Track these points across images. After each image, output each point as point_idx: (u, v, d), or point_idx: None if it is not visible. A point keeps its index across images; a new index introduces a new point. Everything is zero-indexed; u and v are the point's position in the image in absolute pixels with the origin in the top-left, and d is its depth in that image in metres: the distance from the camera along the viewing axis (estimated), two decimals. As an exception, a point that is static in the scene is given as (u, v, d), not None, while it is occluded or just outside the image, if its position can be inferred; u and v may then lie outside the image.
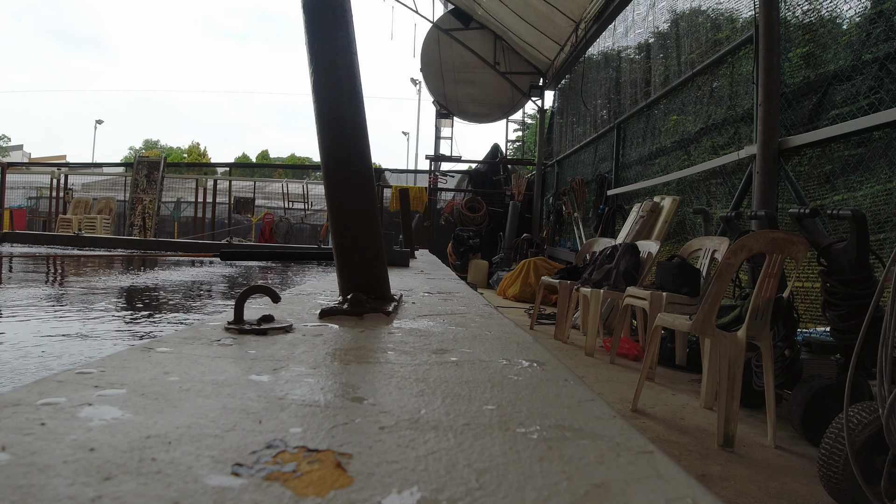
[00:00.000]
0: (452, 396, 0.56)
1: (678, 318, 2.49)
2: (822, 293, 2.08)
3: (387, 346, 0.81)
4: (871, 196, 2.65)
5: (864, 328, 1.56)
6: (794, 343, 2.42)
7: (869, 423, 1.55)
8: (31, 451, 0.37)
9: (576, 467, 0.38)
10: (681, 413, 2.53)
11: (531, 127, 20.42)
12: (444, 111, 11.92)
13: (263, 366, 0.65)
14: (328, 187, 1.17)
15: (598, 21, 7.16)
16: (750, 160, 3.45)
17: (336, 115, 1.14)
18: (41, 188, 16.25)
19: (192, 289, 4.58)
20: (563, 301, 4.34)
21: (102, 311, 3.10)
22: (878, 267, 2.17)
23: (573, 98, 8.85)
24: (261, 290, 0.95)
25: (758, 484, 1.79)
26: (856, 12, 2.90)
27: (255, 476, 0.35)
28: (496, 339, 0.91)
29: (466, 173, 13.10)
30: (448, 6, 11.02)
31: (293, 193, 14.73)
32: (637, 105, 5.83)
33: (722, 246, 3.04)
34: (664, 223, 4.48)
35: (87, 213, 13.17)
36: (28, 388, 0.51)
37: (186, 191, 15.14)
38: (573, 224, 7.60)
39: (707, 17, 4.60)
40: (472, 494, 0.34)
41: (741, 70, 3.83)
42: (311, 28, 1.15)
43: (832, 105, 2.94)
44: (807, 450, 2.12)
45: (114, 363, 0.62)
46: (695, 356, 3.35)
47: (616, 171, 6.29)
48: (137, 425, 0.43)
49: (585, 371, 3.29)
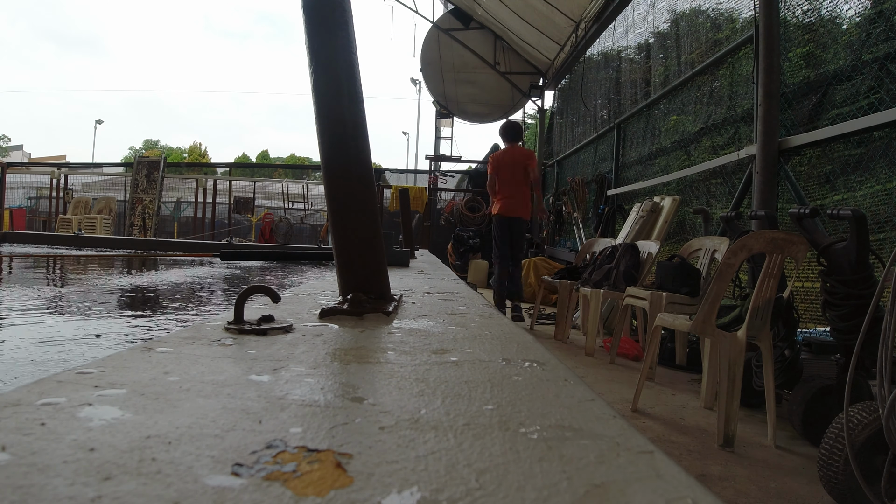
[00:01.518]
0: (452, 396, 0.56)
1: (678, 318, 2.49)
2: (822, 293, 2.08)
3: (387, 346, 0.81)
4: (871, 196, 2.65)
5: (864, 328, 1.56)
6: (794, 343, 2.42)
7: (869, 423, 1.55)
8: (31, 451, 0.37)
9: (576, 467, 0.38)
10: (681, 413, 2.53)
11: (531, 127, 20.40)
12: (444, 111, 11.92)
13: (263, 366, 0.65)
14: (328, 187, 1.17)
15: (598, 21, 7.16)
16: (750, 160, 3.45)
17: (336, 115, 1.14)
18: (41, 188, 16.25)
19: (192, 289, 4.58)
20: (563, 301, 4.34)
21: (102, 311, 3.10)
22: (878, 267, 2.16)
23: (573, 98, 8.85)
24: (261, 290, 0.95)
25: (758, 484, 1.79)
26: (856, 12, 2.90)
27: (255, 476, 0.35)
28: (496, 339, 0.91)
29: (466, 173, 13.09)
30: (448, 6, 11.01)
31: (293, 193, 14.73)
32: (637, 105, 5.83)
33: (722, 246, 3.04)
34: (664, 223, 4.48)
35: (87, 213, 13.15)
36: (28, 388, 0.51)
37: (186, 191, 15.14)
38: (573, 224, 7.59)
39: (707, 17, 4.59)
40: (472, 494, 0.34)
41: (741, 70, 3.83)
42: (311, 28, 1.15)
43: (832, 105, 2.94)
44: (807, 450, 2.12)
45: (114, 363, 0.62)
46: (695, 356, 3.36)
47: (616, 171, 6.29)
48: (137, 425, 0.43)
49: (585, 371, 3.29)
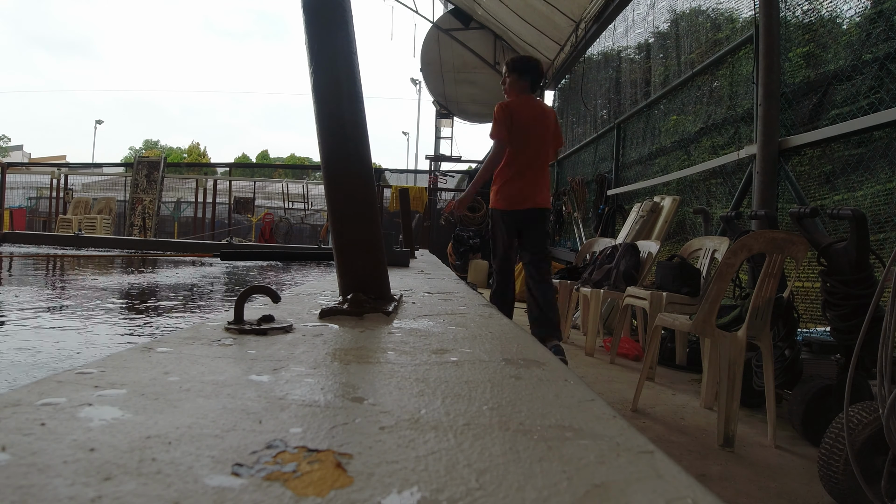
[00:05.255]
0: (452, 396, 0.56)
1: (678, 318, 2.49)
2: (822, 293, 2.08)
3: (387, 346, 0.81)
4: (871, 196, 2.65)
5: (864, 328, 1.56)
6: (794, 343, 2.42)
7: (869, 423, 1.55)
8: (31, 452, 0.37)
9: (576, 467, 0.38)
10: (681, 413, 2.53)
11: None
12: (444, 111, 11.92)
13: (263, 366, 0.65)
14: (328, 187, 1.17)
15: (597, 21, 7.16)
16: (750, 160, 3.45)
17: (336, 115, 1.14)
18: (41, 188, 16.26)
19: (192, 289, 4.58)
20: (563, 301, 4.34)
21: (102, 312, 3.10)
22: (878, 267, 2.16)
23: (573, 98, 8.85)
24: (261, 290, 0.95)
25: (758, 484, 1.79)
26: (856, 12, 2.90)
27: (256, 476, 0.35)
28: (496, 339, 0.91)
29: (466, 173, 13.10)
30: (448, 6, 11.01)
31: (293, 193, 14.74)
32: (637, 105, 5.83)
33: (722, 246, 3.04)
34: (664, 223, 4.48)
35: (87, 213, 13.15)
36: (28, 389, 0.51)
37: (186, 191, 15.13)
38: (573, 224, 7.59)
39: (707, 17, 4.59)
40: (472, 494, 0.34)
41: (741, 70, 3.83)
42: (311, 28, 1.15)
43: (832, 105, 2.94)
44: (807, 450, 2.12)
45: (114, 363, 0.62)
46: (695, 356, 3.35)
47: (616, 171, 6.28)
48: (137, 425, 0.43)
49: (585, 371, 3.29)
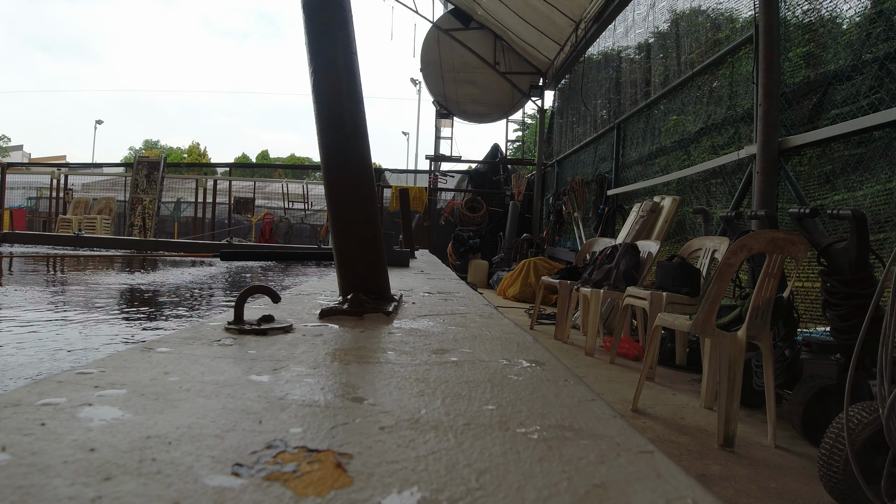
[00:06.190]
0: (452, 396, 0.56)
1: (678, 318, 2.49)
2: (822, 293, 2.08)
3: (387, 347, 0.81)
4: (871, 196, 2.65)
5: (864, 328, 1.56)
6: (794, 343, 2.42)
7: (869, 423, 1.55)
8: (32, 452, 0.37)
9: (576, 467, 0.38)
10: (681, 413, 2.53)
11: (531, 127, 20.42)
12: (444, 111, 11.92)
13: (263, 366, 0.65)
14: (328, 187, 1.17)
15: (598, 21, 7.16)
16: (750, 160, 3.45)
17: (336, 116, 1.14)
18: (41, 188, 16.25)
19: (192, 289, 4.57)
20: (563, 301, 4.34)
21: (102, 312, 3.10)
22: (878, 267, 2.16)
23: (573, 98, 8.85)
24: (261, 290, 0.95)
25: (758, 484, 1.79)
26: (856, 12, 2.90)
27: (256, 476, 0.35)
28: (496, 339, 0.91)
29: (466, 173, 13.10)
30: (448, 6, 11.02)
31: (293, 193, 14.73)
32: (637, 105, 5.83)
33: (722, 246, 3.04)
34: (664, 223, 4.48)
35: (87, 213, 13.16)
36: (28, 389, 0.51)
37: (186, 191, 15.13)
38: (573, 224, 7.59)
39: (707, 17, 4.59)
40: (472, 494, 0.34)
41: (741, 70, 3.83)
42: (311, 28, 1.15)
43: (832, 105, 2.94)
44: (807, 450, 2.12)
45: (114, 363, 0.62)
46: (695, 356, 3.35)
47: (616, 171, 6.29)
48: (137, 425, 0.43)
49: (585, 371, 3.29)
